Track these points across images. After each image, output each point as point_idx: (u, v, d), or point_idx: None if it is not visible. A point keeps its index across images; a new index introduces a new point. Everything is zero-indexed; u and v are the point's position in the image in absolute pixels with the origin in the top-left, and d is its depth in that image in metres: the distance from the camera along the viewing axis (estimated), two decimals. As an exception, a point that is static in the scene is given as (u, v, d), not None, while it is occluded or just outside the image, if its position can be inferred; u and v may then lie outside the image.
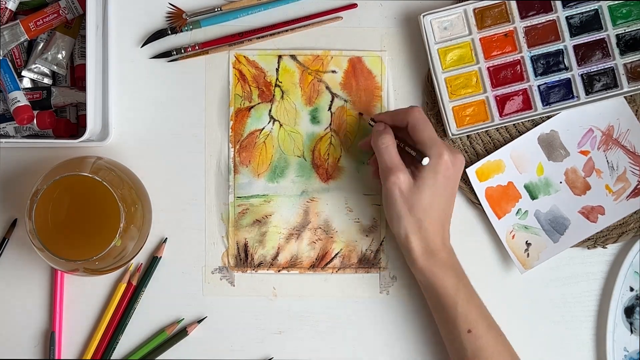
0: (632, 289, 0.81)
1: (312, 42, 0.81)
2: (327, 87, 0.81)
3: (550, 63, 0.79)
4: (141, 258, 0.81)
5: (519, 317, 0.81)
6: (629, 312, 0.81)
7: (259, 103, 0.81)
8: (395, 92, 0.81)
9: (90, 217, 0.72)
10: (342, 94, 0.81)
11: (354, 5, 0.81)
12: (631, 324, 0.81)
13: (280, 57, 0.81)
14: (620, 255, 0.81)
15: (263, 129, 0.81)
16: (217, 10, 0.80)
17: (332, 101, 0.81)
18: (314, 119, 0.81)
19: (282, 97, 0.81)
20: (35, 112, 0.77)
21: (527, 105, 0.80)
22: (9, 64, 0.78)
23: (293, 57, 0.81)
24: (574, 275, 0.81)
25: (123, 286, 0.80)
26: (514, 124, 0.80)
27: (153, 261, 0.80)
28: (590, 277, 0.81)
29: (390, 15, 0.81)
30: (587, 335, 0.81)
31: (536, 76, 0.79)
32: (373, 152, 0.76)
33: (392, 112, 0.77)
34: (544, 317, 0.81)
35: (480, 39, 0.79)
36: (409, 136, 0.74)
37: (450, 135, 0.79)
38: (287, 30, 0.81)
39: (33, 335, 0.80)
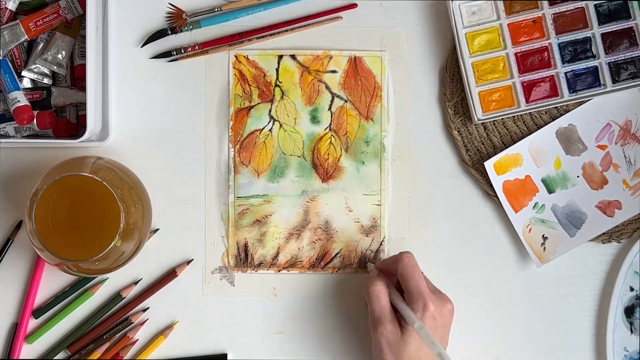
0: (632, 289, 0.81)
1: (312, 42, 0.81)
2: (327, 87, 0.81)
3: (578, 50, 0.79)
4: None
5: (519, 317, 0.81)
6: (629, 312, 0.81)
7: (259, 103, 0.81)
8: (395, 93, 0.81)
9: (90, 217, 0.72)
10: (342, 94, 0.81)
11: (354, 5, 0.81)
12: (631, 324, 0.81)
13: (280, 57, 0.81)
14: (620, 255, 0.81)
15: (263, 129, 0.81)
16: (217, 10, 0.80)
17: (332, 101, 0.81)
18: (314, 119, 0.82)
19: (282, 97, 0.81)
20: (35, 112, 0.76)
21: (554, 92, 0.80)
22: (9, 64, 0.78)
23: (293, 57, 0.81)
24: (574, 275, 0.81)
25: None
26: (531, 117, 0.80)
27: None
28: (590, 277, 0.81)
29: (390, 15, 0.81)
30: (587, 335, 0.81)
31: (563, 63, 0.79)
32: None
33: (385, 259, 0.78)
34: (544, 317, 0.81)
35: (508, 24, 0.79)
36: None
37: (476, 119, 0.79)
38: (287, 30, 0.81)
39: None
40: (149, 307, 0.81)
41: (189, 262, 0.80)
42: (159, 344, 0.80)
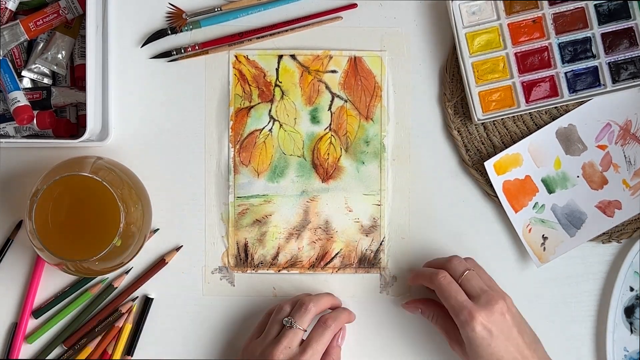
0: (632, 289, 0.81)
1: (312, 42, 0.81)
2: (327, 87, 0.81)
3: (578, 50, 0.79)
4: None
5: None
6: (629, 312, 0.81)
7: (259, 103, 0.81)
8: (395, 93, 0.81)
9: (90, 217, 0.72)
10: (342, 94, 0.81)
11: (354, 5, 0.81)
12: (631, 324, 0.81)
13: (280, 57, 0.81)
14: (620, 255, 0.81)
15: (263, 129, 0.81)
16: (217, 10, 0.80)
17: (332, 101, 0.81)
18: (314, 119, 0.82)
19: (282, 97, 0.81)
20: (35, 112, 0.76)
21: (554, 92, 0.80)
22: (9, 64, 0.78)
23: (293, 57, 0.81)
24: (574, 275, 0.81)
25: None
26: (531, 117, 0.80)
27: (147, 302, 0.80)
28: (590, 277, 0.81)
29: (390, 15, 0.81)
30: (587, 335, 0.81)
31: (563, 63, 0.80)
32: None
33: (421, 272, 0.77)
34: (544, 317, 0.81)
35: (508, 24, 0.79)
36: None
37: (476, 119, 0.79)
38: (287, 30, 0.81)
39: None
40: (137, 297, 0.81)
41: (177, 248, 0.80)
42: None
